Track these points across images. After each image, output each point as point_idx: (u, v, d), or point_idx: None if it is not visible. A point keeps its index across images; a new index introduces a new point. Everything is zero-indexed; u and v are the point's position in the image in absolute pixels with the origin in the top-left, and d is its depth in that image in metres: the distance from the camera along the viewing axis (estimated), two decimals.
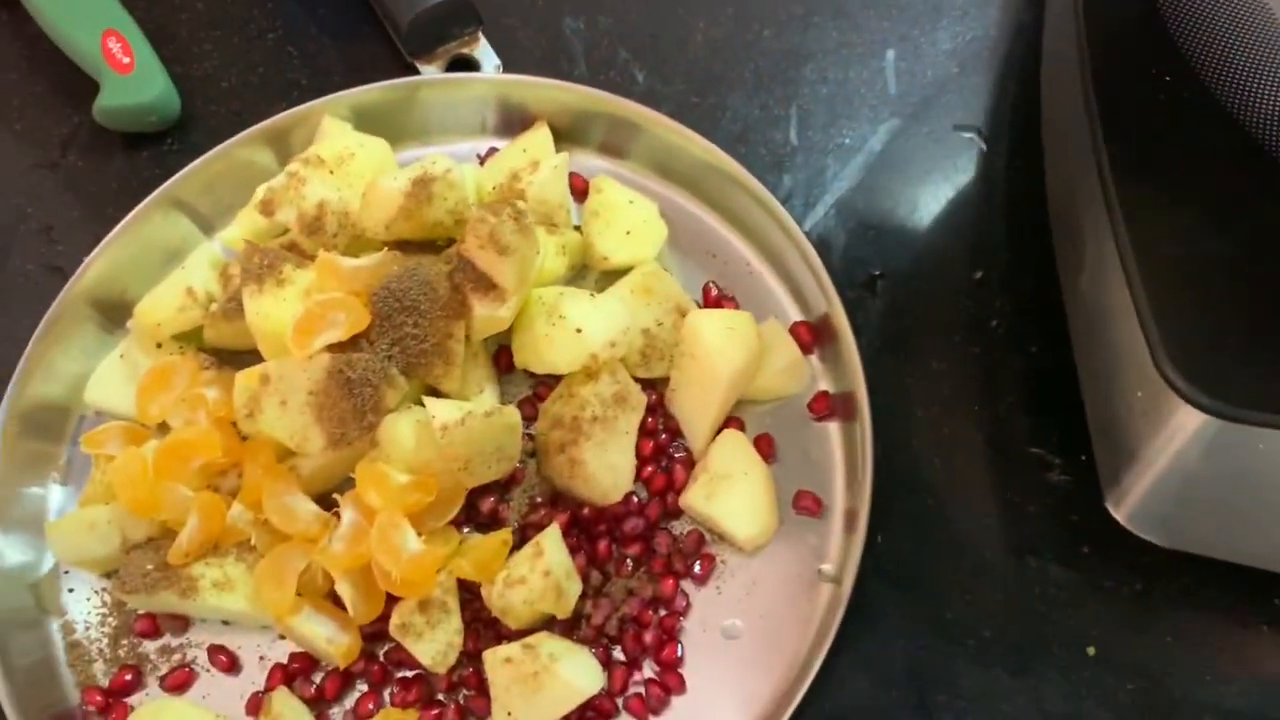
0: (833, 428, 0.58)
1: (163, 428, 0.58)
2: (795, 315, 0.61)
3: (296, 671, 0.55)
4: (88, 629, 0.57)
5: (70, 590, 0.58)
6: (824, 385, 0.59)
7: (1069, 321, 0.56)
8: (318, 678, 0.55)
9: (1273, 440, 0.45)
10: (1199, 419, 0.45)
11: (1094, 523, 0.54)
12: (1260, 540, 0.51)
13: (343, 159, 0.60)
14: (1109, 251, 0.48)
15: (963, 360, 0.60)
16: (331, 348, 0.54)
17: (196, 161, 0.63)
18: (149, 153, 0.68)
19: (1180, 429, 0.46)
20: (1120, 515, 0.52)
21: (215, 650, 0.56)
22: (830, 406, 0.58)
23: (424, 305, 0.54)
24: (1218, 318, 0.46)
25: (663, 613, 0.55)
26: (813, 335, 0.60)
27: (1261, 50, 0.46)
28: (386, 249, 0.57)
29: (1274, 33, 0.47)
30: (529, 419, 0.59)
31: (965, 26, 0.68)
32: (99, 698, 0.55)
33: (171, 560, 0.54)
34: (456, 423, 0.52)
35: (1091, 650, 0.54)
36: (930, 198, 0.65)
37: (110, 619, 0.57)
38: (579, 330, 0.56)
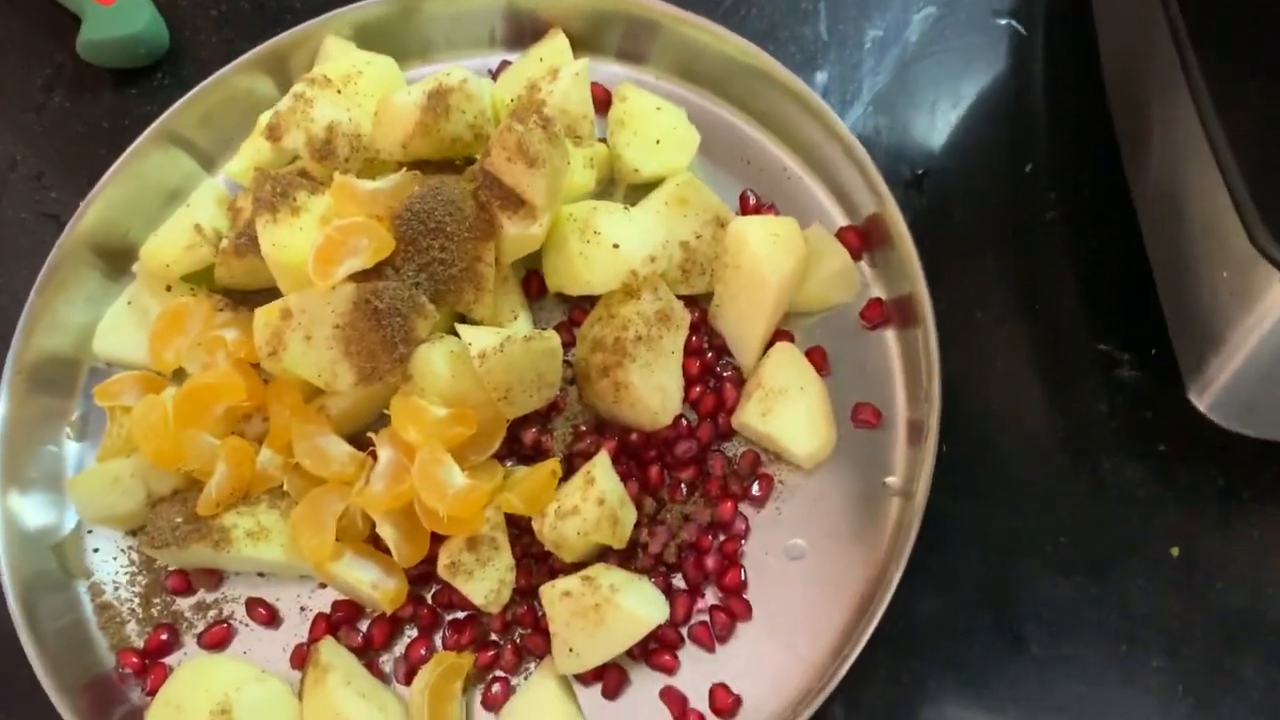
0: (889, 336, 0.55)
1: (179, 374, 0.55)
2: (840, 220, 0.58)
3: (341, 620, 0.52)
4: (117, 589, 0.54)
5: (95, 550, 0.55)
6: (876, 292, 0.56)
7: (1136, 208, 0.53)
8: (364, 625, 0.52)
9: None
10: None
11: (1169, 419, 0.52)
12: None
13: (350, 78, 0.56)
14: (1186, 122, 0.45)
15: (1019, 258, 0.57)
16: (355, 277, 0.50)
17: (191, 93, 0.59)
18: (139, 89, 0.64)
19: (1273, 305, 0.43)
20: (1203, 405, 0.49)
21: (253, 604, 0.53)
22: (885, 313, 0.55)
23: (450, 227, 0.50)
24: None
25: (722, 537, 0.52)
26: (861, 239, 0.56)
27: None
28: (405, 170, 0.53)
29: None
30: (567, 345, 0.55)
31: None
32: (135, 659, 0.52)
33: (201, 511, 0.51)
34: (495, 349, 0.49)
35: (1175, 550, 0.51)
36: (971, 89, 0.61)
37: (140, 578, 0.54)
38: (616, 246, 0.52)
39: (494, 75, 0.62)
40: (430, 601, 0.52)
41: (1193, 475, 0.52)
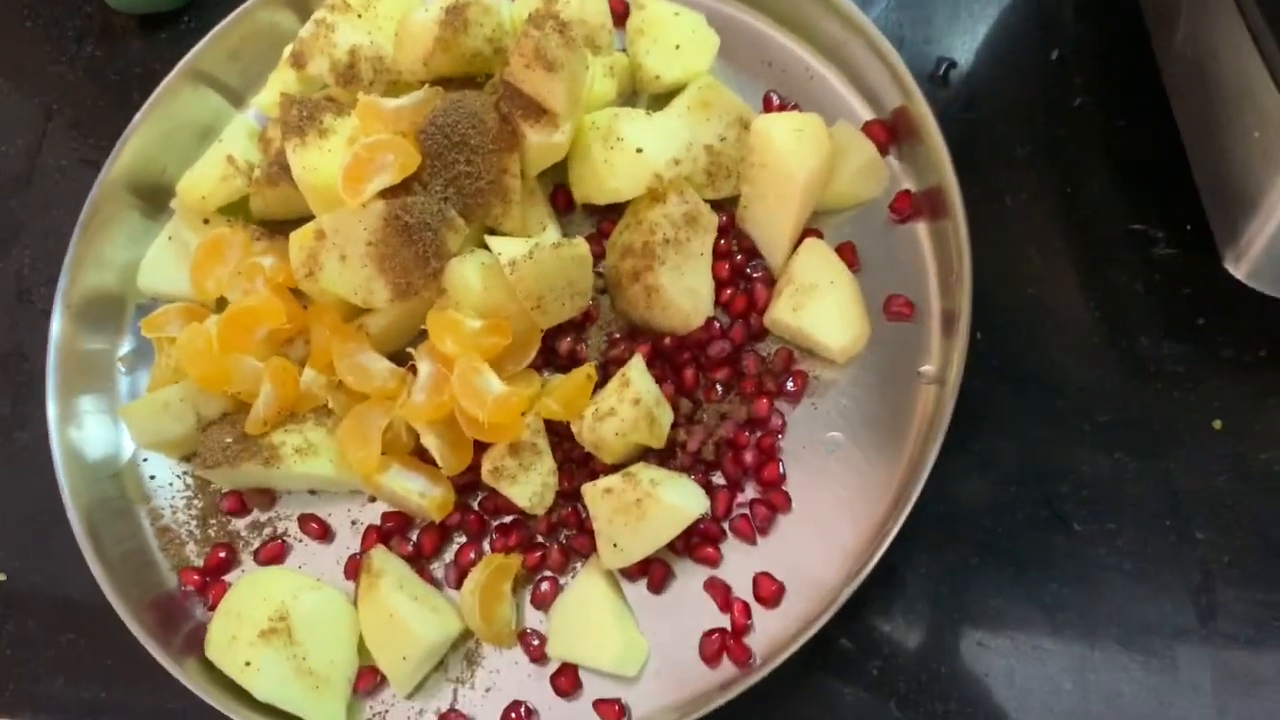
0: (920, 228, 0.55)
1: (221, 303, 0.56)
2: (865, 115, 0.57)
3: (392, 530, 0.54)
4: (174, 513, 0.56)
5: (152, 478, 0.57)
6: (905, 185, 0.56)
7: (1164, 79, 0.52)
8: (414, 535, 0.54)
9: None
10: None
11: (1208, 293, 0.51)
12: None
13: (369, 2, 0.56)
14: None
15: (1049, 143, 0.56)
16: (384, 194, 0.51)
17: (215, 29, 0.60)
18: (167, 33, 0.66)
19: None
20: (1241, 273, 0.48)
21: (306, 519, 0.55)
22: (914, 206, 0.55)
23: (474, 139, 0.51)
24: None
25: (759, 433, 0.53)
26: (888, 133, 0.56)
27: None
28: (427, 87, 0.53)
29: None
30: (596, 256, 0.56)
31: None
32: (196, 577, 0.54)
33: (249, 430, 0.53)
34: (524, 257, 0.50)
35: (1218, 423, 0.51)
36: None
37: (196, 501, 0.56)
38: (639, 150, 0.53)
39: None
40: (477, 508, 0.54)
41: (1233, 348, 0.52)
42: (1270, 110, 0.42)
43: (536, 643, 0.51)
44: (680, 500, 0.49)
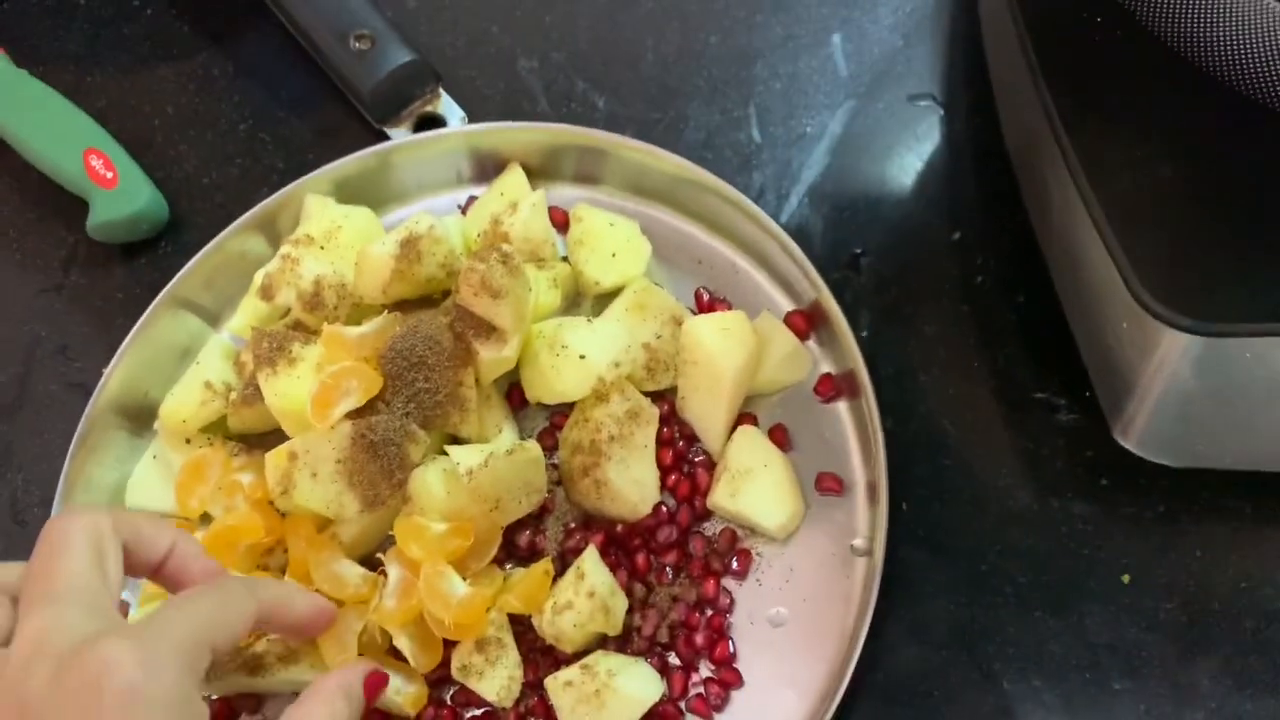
0: (841, 407, 0.60)
1: (205, 518, 0.61)
2: (787, 306, 0.63)
3: None
4: None
5: None
6: (826, 368, 0.61)
7: (1049, 267, 0.58)
8: None
9: (1257, 347, 0.47)
10: (1183, 340, 0.47)
11: (1108, 455, 0.56)
12: (1267, 444, 0.52)
13: (331, 233, 0.62)
14: (1072, 196, 0.50)
15: (955, 320, 0.62)
16: (351, 415, 0.56)
17: (193, 260, 0.65)
18: (146, 259, 0.71)
19: (1168, 352, 0.48)
20: (1130, 443, 0.54)
21: None
22: (835, 387, 0.60)
23: (431, 359, 0.56)
24: (1182, 240, 0.47)
25: (709, 613, 0.57)
26: (807, 322, 0.62)
27: None
28: (387, 311, 0.59)
29: None
30: (551, 449, 0.61)
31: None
32: None
33: (240, 644, 0.57)
34: (480, 465, 0.54)
35: (1126, 578, 0.55)
36: (898, 170, 0.66)
37: None
38: (582, 356, 0.58)
39: (463, 209, 0.68)
40: (449, 701, 0.57)
41: (1134, 506, 0.57)
42: (1130, 306, 0.48)
43: None
44: (637, 689, 0.53)
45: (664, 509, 0.59)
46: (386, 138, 0.69)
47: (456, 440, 0.59)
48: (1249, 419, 0.51)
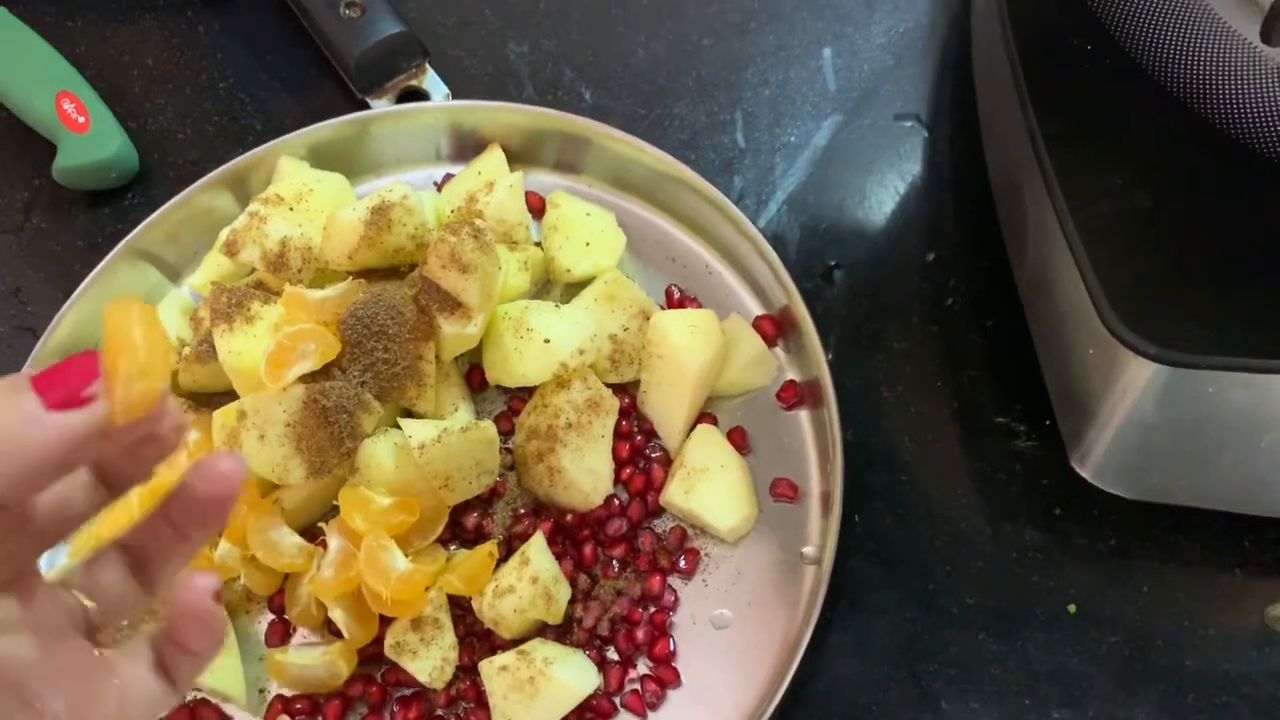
0: (803, 415, 0.60)
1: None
2: (757, 310, 0.62)
3: (296, 699, 0.55)
4: None
5: None
6: (791, 375, 0.61)
7: (1020, 291, 0.58)
8: (320, 703, 0.56)
9: (1220, 382, 0.47)
10: (1148, 369, 0.47)
11: (1064, 484, 0.56)
12: (1222, 483, 0.52)
13: (301, 195, 0.61)
14: (1049, 220, 0.50)
15: (924, 339, 0.62)
16: (305, 378, 0.54)
17: (158, 211, 0.64)
18: (111, 209, 0.69)
19: (1132, 380, 0.48)
20: (1086, 472, 0.53)
21: (203, 701, 0.56)
22: (798, 394, 0.60)
23: (392, 329, 0.55)
24: (1155, 269, 0.47)
25: (652, 609, 0.56)
26: (776, 327, 0.61)
27: (1177, 7, 0.49)
28: (351, 278, 0.58)
29: None
30: (506, 433, 0.60)
31: (897, 19, 0.70)
32: None
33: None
34: (433, 441, 0.53)
35: (1072, 608, 0.55)
36: (878, 186, 0.66)
37: None
38: (547, 341, 0.57)
39: (439, 187, 0.67)
40: (380, 680, 0.56)
41: (1086, 537, 0.56)
42: (1099, 332, 0.48)
43: None
44: (573, 679, 0.51)
45: (616, 502, 0.58)
46: (368, 108, 0.69)
47: (411, 415, 0.58)
48: (1204, 455, 0.51)
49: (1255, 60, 0.48)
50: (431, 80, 0.69)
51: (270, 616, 0.57)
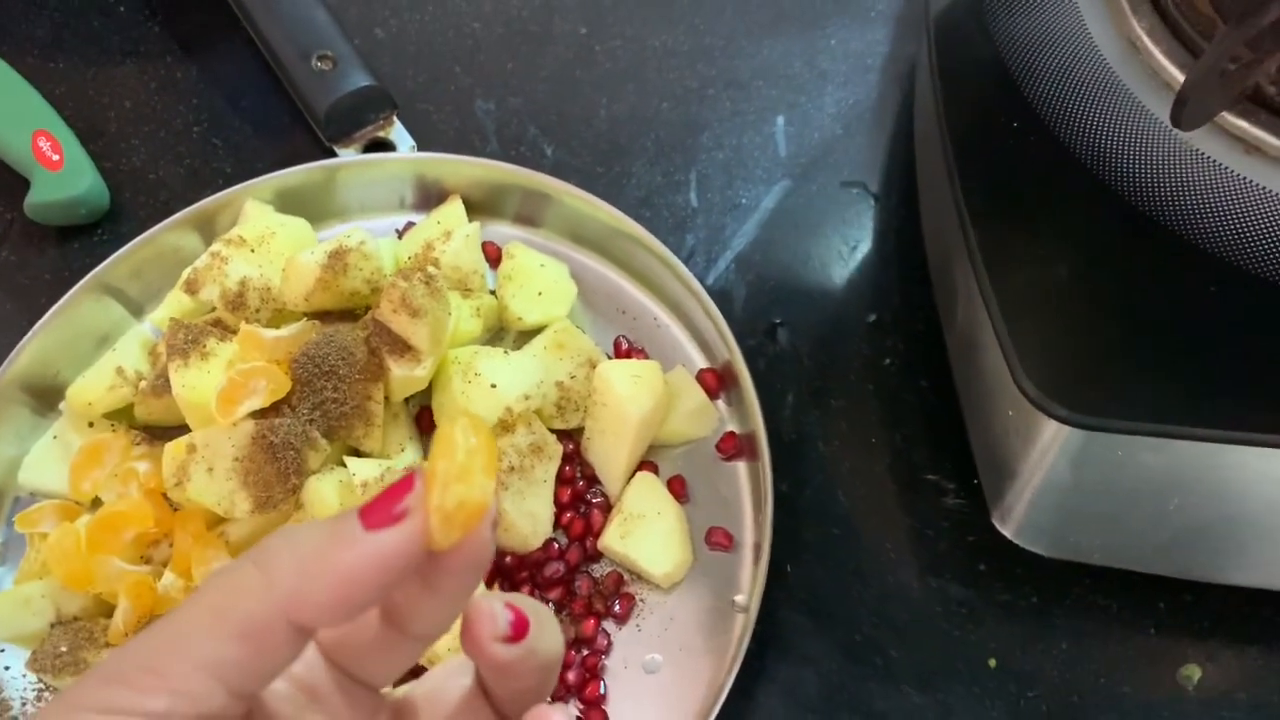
0: (741, 466, 0.61)
1: (96, 503, 0.60)
2: (702, 363, 0.65)
3: None
4: (24, 705, 0.58)
5: (6, 668, 0.59)
6: (731, 426, 0.63)
7: (950, 356, 0.60)
8: None
9: (1130, 446, 0.49)
10: (1062, 431, 0.49)
11: (989, 541, 0.58)
12: (1135, 544, 0.54)
13: (264, 238, 0.63)
14: (973, 287, 0.52)
15: (861, 397, 0.64)
16: (255, 415, 0.56)
17: (124, 248, 0.65)
18: (80, 244, 0.71)
19: (1048, 443, 0.50)
20: (1007, 531, 0.55)
21: None
22: (737, 446, 0.61)
23: (342, 370, 0.57)
24: (1068, 336, 0.50)
25: (585, 653, 0.57)
26: (718, 380, 0.63)
27: (1095, 88, 0.52)
28: (306, 319, 0.60)
29: (1107, 74, 0.52)
30: None
31: (848, 91, 0.74)
32: None
33: (111, 640, 0.56)
34: (376, 479, 0.55)
35: (993, 662, 0.57)
36: (823, 249, 0.69)
37: (47, 695, 0.58)
38: (494, 385, 0.59)
39: (400, 234, 0.69)
40: None
41: (1009, 593, 0.58)
42: (1016, 395, 0.50)
43: None
44: None
45: (555, 545, 0.59)
46: (336, 157, 0.71)
47: (358, 454, 0.59)
48: (1117, 516, 0.53)
49: (1168, 140, 0.51)
50: (398, 132, 0.72)
51: None
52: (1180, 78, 0.52)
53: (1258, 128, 0.50)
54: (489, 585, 0.57)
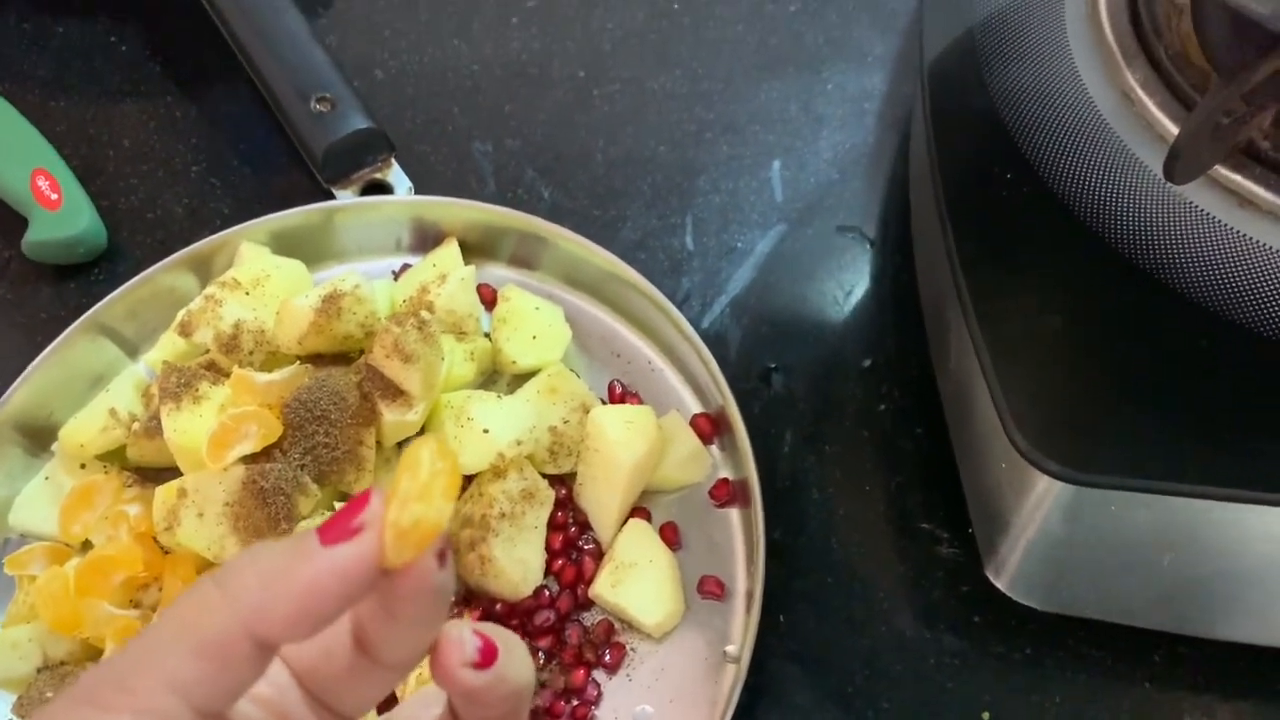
0: (734, 513, 0.61)
1: (86, 546, 0.60)
2: (695, 408, 0.64)
3: None
4: None
5: None
6: (725, 473, 0.62)
7: (943, 403, 0.60)
8: None
9: (1122, 501, 0.48)
10: (1054, 485, 0.48)
11: (982, 592, 0.57)
12: (1128, 599, 0.54)
13: (259, 281, 0.63)
14: (965, 337, 0.52)
15: (855, 443, 0.64)
16: (246, 459, 0.56)
17: (120, 288, 0.66)
18: (76, 283, 0.71)
19: (1040, 496, 0.50)
20: (1000, 583, 0.55)
21: None
22: (730, 493, 0.61)
23: (334, 414, 0.57)
24: (1062, 390, 0.50)
25: (575, 703, 0.57)
26: (712, 426, 0.63)
27: (1088, 140, 0.52)
28: (299, 363, 0.59)
29: (1101, 125, 0.52)
30: None
31: (844, 136, 0.74)
32: None
33: None
34: None
35: (986, 715, 0.56)
36: (818, 294, 0.69)
37: None
38: (486, 430, 0.59)
39: (396, 276, 0.69)
40: None
41: (1003, 645, 0.58)
42: (1009, 448, 0.50)
43: None
44: None
45: (546, 593, 0.59)
46: (333, 198, 0.71)
47: (348, 498, 0.59)
48: (1111, 571, 0.52)
49: (1161, 192, 0.51)
50: (396, 174, 0.72)
51: None
52: (1174, 130, 0.52)
53: (1251, 181, 0.50)
54: None
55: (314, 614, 0.28)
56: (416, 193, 0.72)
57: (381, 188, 0.72)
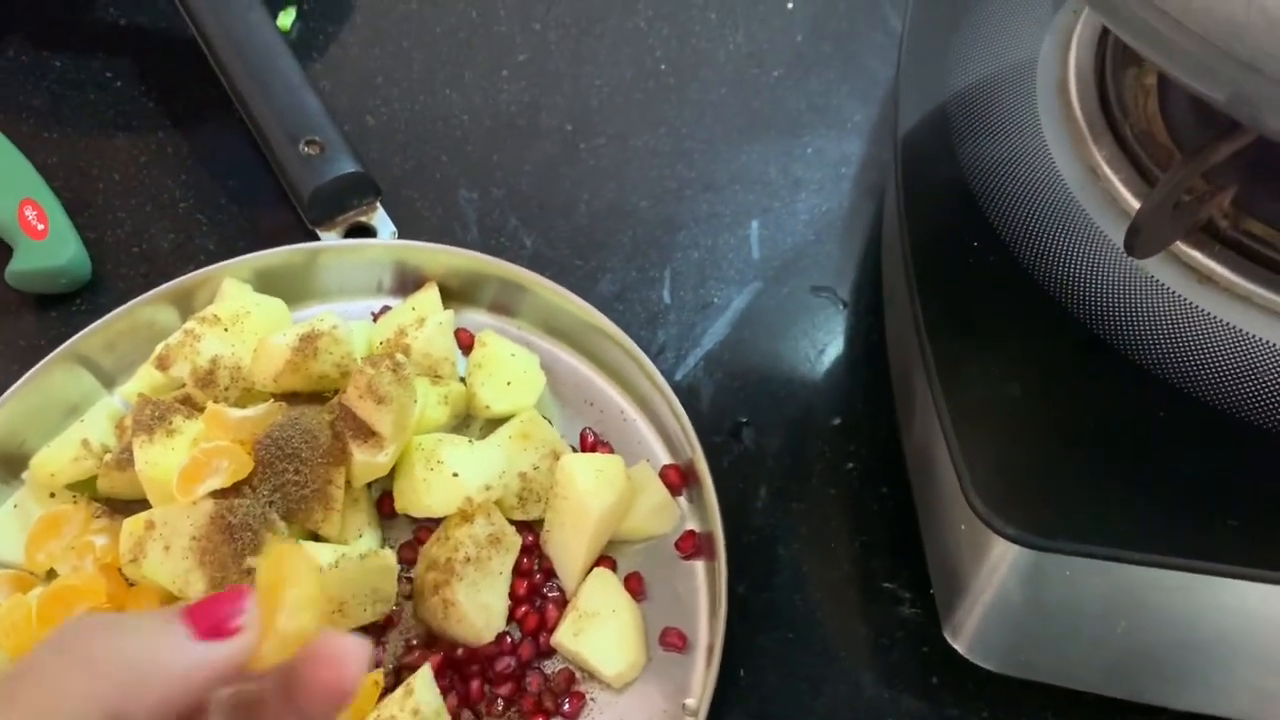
0: (699, 566, 0.62)
1: (51, 575, 0.60)
2: (666, 459, 0.65)
3: None
4: None
5: None
6: (692, 525, 0.63)
7: (908, 465, 0.61)
8: None
9: (1077, 567, 0.49)
10: (1011, 549, 0.49)
11: (942, 654, 0.58)
12: (1084, 665, 0.54)
13: (238, 317, 0.64)
14: (929, 400, 0.53)
15: (822, 500, 0.64)
16: (216, 495, 0.56)
17: (100, 320, 0.66)
18: (57, 313, 0.72)
19: (997, 560, 0.50)
20: (959, 645, 0.55)
21: None
22: (696, 545, 0.62)
23: (305, 453, 0.57)
24: (1022, 456, 0.50)
25: None
26: (681, 478, 0.64)
27: (1054, 212, 0.54)
28: (274, 400, 0.60)
29: (1067, 199, 0.54)
30: (409, 562, 0.61)
31: (821, 199, 0.75)
32: None
33: None
34: (331, 565, 0.55)
35: None
36: (791, 352, 0.70)
37: None
38: (455, 474, 0.59)
39: (375, 317, 0.70)
40: None
41: (960, 708, 0.58)
42: (968, 511, 0.50)
43: None
44: None
45: (508, 639, 0.59)
46: (317, 239, 0.72)
47: (317, 538, 0.59)
48: (1067, 637, 0.53)
49: (1123, 266, 0.52)
50: (380, 218, 0.73)
51: None
52: (1137, 206, 0.54)
53: (1210, 259, 0.52)
54: (438, 675, 0.56)
55: (182, 702, 0.29)
56: (401, 236, 0.73)
57: (366, 230, 0.73)
